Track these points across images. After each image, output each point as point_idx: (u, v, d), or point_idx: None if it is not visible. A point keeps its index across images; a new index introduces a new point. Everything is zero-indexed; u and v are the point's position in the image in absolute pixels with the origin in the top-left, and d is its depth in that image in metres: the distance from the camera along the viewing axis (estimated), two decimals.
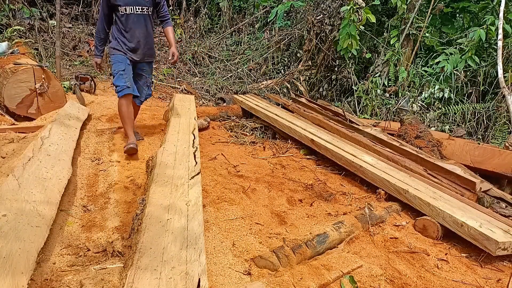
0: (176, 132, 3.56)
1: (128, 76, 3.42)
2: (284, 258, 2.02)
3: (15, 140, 3.33)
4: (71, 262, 1.92)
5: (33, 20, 7.04)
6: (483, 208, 2.74)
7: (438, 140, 3.89)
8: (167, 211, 2.16)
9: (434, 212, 2.56)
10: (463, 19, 6.63)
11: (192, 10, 8.90)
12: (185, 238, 1.91)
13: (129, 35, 3.44)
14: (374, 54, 6.39)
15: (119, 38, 3.45)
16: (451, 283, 2.08)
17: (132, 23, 3.41)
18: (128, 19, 3.39)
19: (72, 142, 3.18)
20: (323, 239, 2.23)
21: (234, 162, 3.49)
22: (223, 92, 6.54)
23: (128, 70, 3.44)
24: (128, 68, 3.44)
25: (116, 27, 3.46)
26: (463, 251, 2.43)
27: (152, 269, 1.66)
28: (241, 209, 2.63)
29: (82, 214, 2.41)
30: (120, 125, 4.11)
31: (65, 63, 6.36)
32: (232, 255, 2.10)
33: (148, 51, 3.59)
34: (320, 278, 1.94)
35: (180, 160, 2.91)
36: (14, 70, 3.83)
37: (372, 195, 3.05)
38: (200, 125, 4.23)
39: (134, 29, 3.43)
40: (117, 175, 3.02)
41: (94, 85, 5.30)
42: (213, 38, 8.54)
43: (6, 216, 1.90)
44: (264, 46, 7.80)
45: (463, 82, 5.28)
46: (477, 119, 4.99)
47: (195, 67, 7.48)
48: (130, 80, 3.42)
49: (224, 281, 1.88)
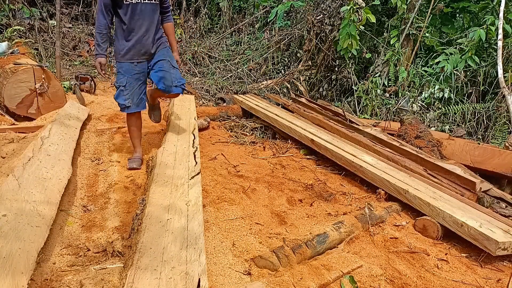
0: (176, 132, 3.57)
1: (130, 91, 3.08)
2: (284, 258, 2.02)
3: (15, 140, 3.34)
4: (71, 262, 1.92)
5: (33, 20, 7.04)
6: (483, 208, 2.73)
7: (438, 140, 3.88)
8: (167, 211, 2.16)
9: (434, 212, 2.56)
10: (463, 19, 6.62)
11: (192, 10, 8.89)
12: (185, 238, 1.91)
13: (134, 28, 3.02)
14: (374, 54, 6.39)
15: (122, 37, 3.06)
16: (451, 283, 2.08)
17: (139, 14, 2.99)
18: (135, 9, 2.97)
19: (72, 142, 3.19)
20: (323, 239, 2.23)
21: (234, 162, 3.49)
22: (223, 92, 6.54)
23: (132, 83, 3.08)
24: (131, 81, 3.08)
25: (119, 25, 3.06)
26: (463, 251, 2.43)
27: (152, 269, 1.66)
28: (241, 209, 2.63)
29: (82, 214, 2.41)
30: (120, 125, 4.12)
31: (65, 63, 6.36)
32: (232, 255, 2.10)
33: (157, 42, 3.18)
34: (320, 278, 1.94)
35: (180, 160, 2.91)
36: (14, 70, 3.83)
37: (372, 195, 3.05)
38: (200, 125, 4.23)
39: (140, 21, 3.01)
40: (117, 175, 3.02)
41: (94, 85, 5.30)
42: (213, 38, 8.54)
43: (6, 216, 1.90)
44: (264, 46, 7.80)
45: (463, 82, 5.28)
46: (477, 119, 4.98)
47: (195, 67, 7.48)
48: (132, 96, 3.09)
49: (224, 281, 1.88)
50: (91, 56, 7.06)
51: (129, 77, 3.08)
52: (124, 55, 3.07)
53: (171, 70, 3.14)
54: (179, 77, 3.19)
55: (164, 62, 3.15)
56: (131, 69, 3.09)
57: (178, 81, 3.16)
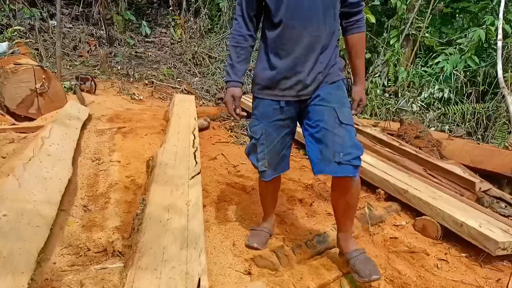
0: (176, 132, 3.57)
1: (267, 147, 1.95)
2: (284, 258, 2.03)
3: (15, 140, 3.34)
4: (72, 262, 1.92)
5: (33, 20, 7.04)
6: (482, 208, 2.74)
7: (437, 140, 3.89)
8: (167, 211, 2.16)
9: (433, 212, 2.57)
10: (463, 19, 6.62)
11: (192, 10, 8.89)
12: (185, 238, 1.91)
13: (287, 43, 1.78)
14: (373, 54, 6.39)
15: (265, 58, 1.88)
16: (450, 283, 2.08)
17: (298, 17, 1.73)
18: (291, 8, 1.73)
19: (73, 142, 3.19)
20: (323, 239, 2.24)
21: (234, 162, 3.49)
22: (223, 92, 6.54)
23: (271, 135, 1.93)
24: (270, 131, 1.92)
25: (264, 37, 1.89)
26: (463, 251, 2.43)
27: (152, 269, 1.67)
28: (241, 209, 2.64)
29: (83, 214, 2.42)
30: (120, 125, 4.12)
31: (65, 63, 6.36)
32: (232, 254, 2.11)
33: (324, 69, 1.83)
34: (320, 278, 1.94)
35: (180, 160, 2.91)
36: (15, 70, 3.83)
37: (371, 195, 3.06)
38: (200, 125, 4.23)
39: (299, 29, 1.75)
40: (118, 175, 3.02)
41: (94, 85, 5.30)
42: (213, 38, 8.54)
43: (6, 216, 1.91)
44: None
45: (463, 82, 5.28)
46: (477, 119, 4.99)
47: (195, 67, 7.48)
48: (270, 155, 1.96)
49: (224, 280, 1.89)
50: (91, 56, 7.06)
51: (266, 126, 1.92)
52: (264, 87, 1.90)
53: (337, 130, 1.75)
54: (350, 144, 1.74)
55: (325, 111, 1.80)
56: (271, 113, 1.90)
57: (345, 154, 1.72)
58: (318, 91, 1.84)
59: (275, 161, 2.00)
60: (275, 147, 1.96)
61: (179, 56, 7.84)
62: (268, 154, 1.96)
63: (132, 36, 8.42)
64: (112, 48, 7.71)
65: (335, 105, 1.80)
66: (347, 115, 1.81)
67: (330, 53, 1.85)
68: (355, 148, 1.76)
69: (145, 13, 9.49)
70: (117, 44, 8.01)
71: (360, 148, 1.78)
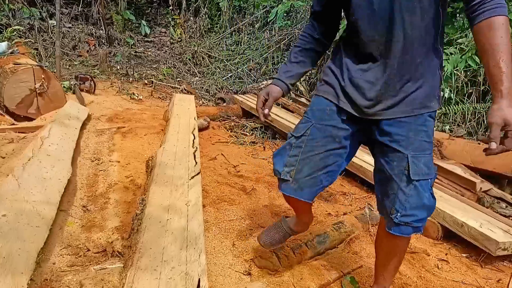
0: (176, 132, 3.56)
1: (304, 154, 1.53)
2: (284, 258, 2.02)
3: (14, 140, 3.33)
4: (71, 262, 1.91)
5: (33, 20, 7.04)
6: (483, 208, 2.73)
7: (438, 140, 3.88)
8: (167, 211, 2.16)
9: (434, 212, 2.55)
10: (463, 19, 6.62)
11: (192, 10, 8.90)
12: (185, 238, 1.91)
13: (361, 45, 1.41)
14: None
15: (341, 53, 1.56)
16: (451, 283, 2.07)
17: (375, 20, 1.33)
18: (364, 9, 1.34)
19: (72, 142, 3.18)
20: (323, 239, 2.23)
21: (234, 162, 3.49)
22: (223, 92, 6.54)
23: (315, 139, 1.52)
24: (316, 134, 1.52)
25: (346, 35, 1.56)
26: (463, 251, 2.43)
27: (152, 269, 1.66)
28: (241, 209, 2.63)
29: (82, 214, 2.41)
30: (120, 125, 4.11)
31: (64, 63, 6.36)
32: (232, 255, 2.10)
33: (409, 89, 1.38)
34: (320, 278, 1.94)
35: (180, 160, 2.91)
36: (14, 70, 3.83)
37: (372, 195, 3.05)
38: (200, 125, 4.22)
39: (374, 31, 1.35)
40: (117, 175, 3.02)
41: (94, 85, 5.30)
42: (213, 38, 8.54)
43: (6, 216, 1.90)
44: (264, 46, 7.80)
45: (463, 82, 5.28)
46: (478, 119, 4.98)
47: (195, 67, 7.48)
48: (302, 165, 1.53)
49: (224, 281, 1.88)
50: (90, 56, 7.06)
51: (314, 126, 1.53)
52: (328, 83, 1.56)
53: (403, 185, 1.39)
54: (415, 205, 1.39)
55: (395, 158, 1.42)
56: (325, 113, 1.53)
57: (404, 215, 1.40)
58: (392, 127, 1.41)
59: (305, 175, 1.53)
60: (313, 158, 1.52)
61: (179, 56, 7.84)
62: (301, 163, 1.53)
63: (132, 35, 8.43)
64: (111, 48, 7.71)
65: (409, 152, 1.39)
66: (423, 167, 1.39)
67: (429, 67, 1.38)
68: (421, 209, 1.40)
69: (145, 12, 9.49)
70: (116, 43, 8.01)
71: (429, 207, 1.42)
